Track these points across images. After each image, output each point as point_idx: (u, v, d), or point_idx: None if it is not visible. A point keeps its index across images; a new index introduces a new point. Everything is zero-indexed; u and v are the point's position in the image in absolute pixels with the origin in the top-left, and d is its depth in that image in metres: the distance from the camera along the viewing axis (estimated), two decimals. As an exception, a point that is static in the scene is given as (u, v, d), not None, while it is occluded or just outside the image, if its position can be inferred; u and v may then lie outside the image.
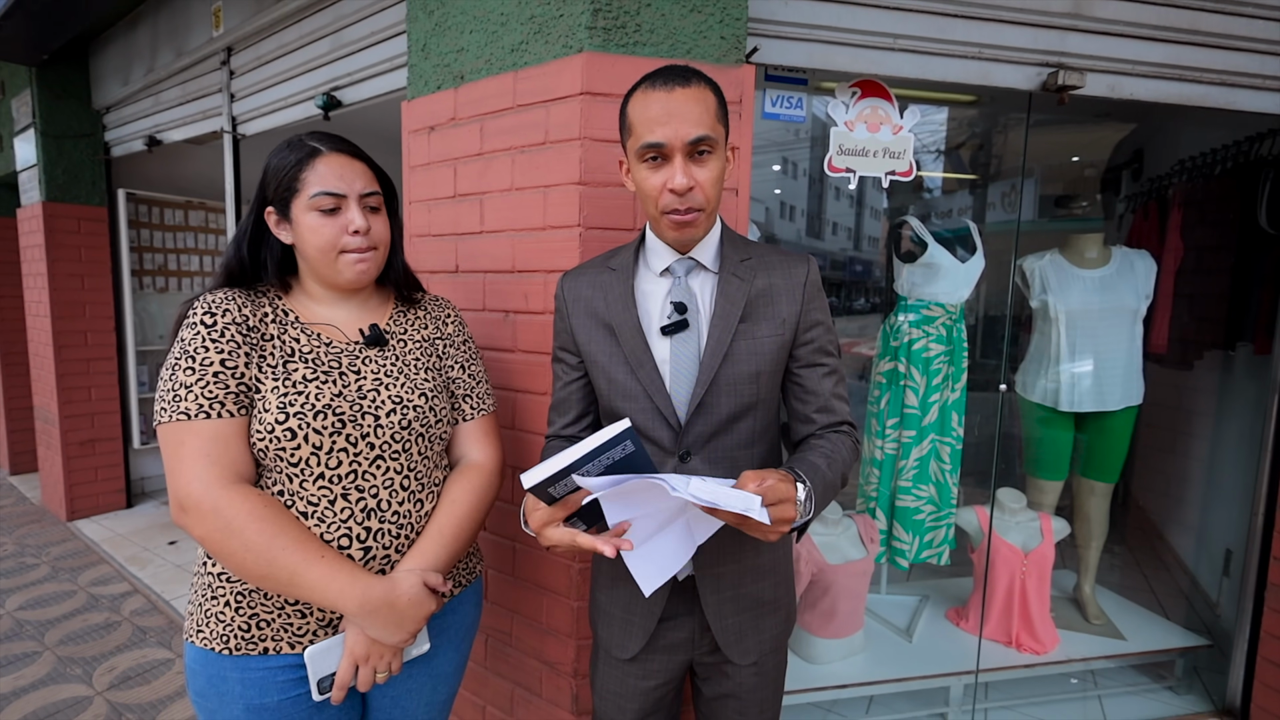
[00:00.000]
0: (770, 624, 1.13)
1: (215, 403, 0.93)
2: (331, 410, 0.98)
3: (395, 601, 0.97)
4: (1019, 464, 2.58)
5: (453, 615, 1.16)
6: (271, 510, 0.93)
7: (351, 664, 0.99)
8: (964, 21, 1.66)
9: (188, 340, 0.95)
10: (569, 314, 1.12)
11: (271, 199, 1.03)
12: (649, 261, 1.09)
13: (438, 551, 1.05)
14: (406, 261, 1.18)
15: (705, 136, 0.95)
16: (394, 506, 1.04)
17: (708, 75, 0.99)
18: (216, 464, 0.92)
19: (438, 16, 1.62)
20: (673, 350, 1.03)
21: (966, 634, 2.34)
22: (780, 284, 1.05)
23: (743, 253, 1.07)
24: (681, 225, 0.99)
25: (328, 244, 1.01)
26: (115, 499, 4.01)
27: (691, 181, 0.95)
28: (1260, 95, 1.87)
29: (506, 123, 1.50)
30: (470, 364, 1.20)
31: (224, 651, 0.98)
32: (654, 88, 0.95)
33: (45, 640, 2.59)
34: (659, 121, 0.94)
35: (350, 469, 1.00)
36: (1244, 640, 2.09)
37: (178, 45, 2.92)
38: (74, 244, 3.70)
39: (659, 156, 0.96)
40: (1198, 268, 2.48)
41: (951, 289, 2.22)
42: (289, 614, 0.99)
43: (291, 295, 1.08)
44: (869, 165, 1.74)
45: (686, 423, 1.02)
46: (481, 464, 1.16)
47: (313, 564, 0.93)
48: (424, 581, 1.01)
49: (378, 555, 1.02)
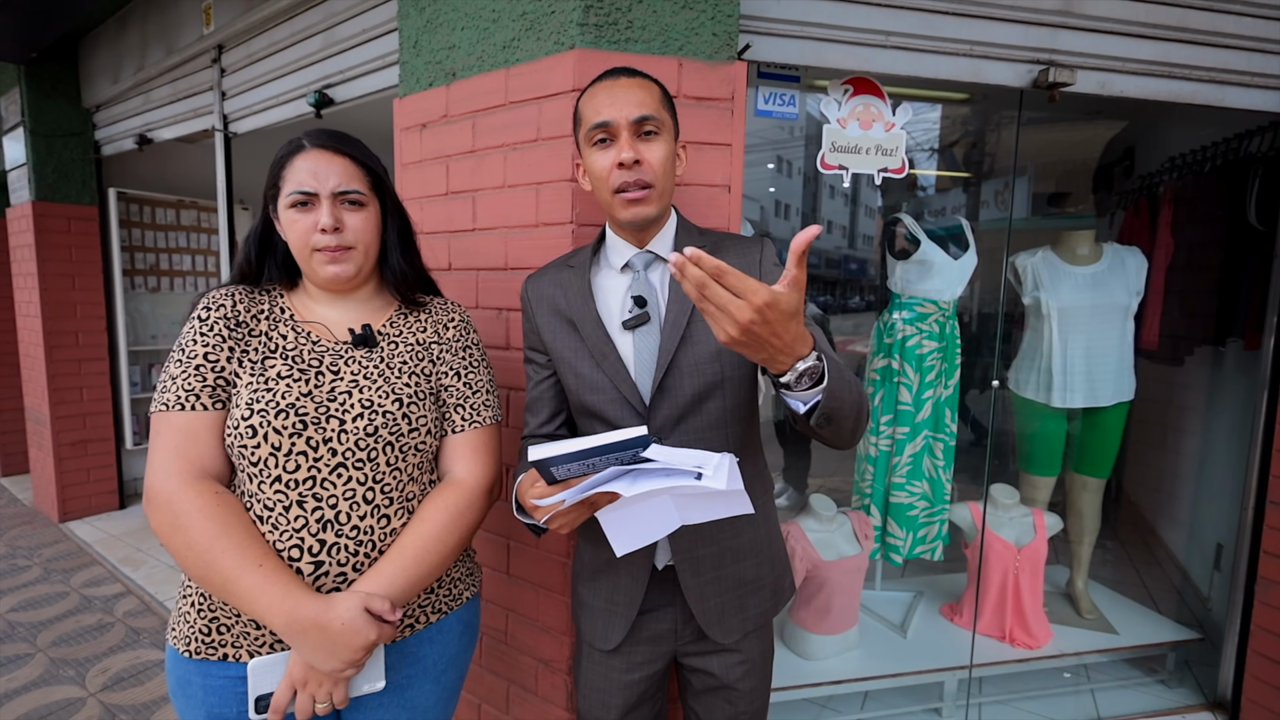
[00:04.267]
0: (754, 602, 1.13)
1: (190, 395, 0.92)
2: (294, 410, 0.94)
3: (327, 625, 0.87)
4: (1012, 460, 2.59)
5: (428, 645, 1.06)
6: (223, 510, 0.89)
7: (289, 686, 0.91)
8: (955, 19, 1.67)
9: (184, 333, 0.96)
10: (534, 313, 1.14)
11: (266, 197, 1.03)
12: (609, 259, 1.11)
13: (394, 575, 0.95)
14: (415, 263, 1.12)
15: (650, 116, 0.99)
16: (353, 520, 0.96)
17: (652, 77, 1.06)
18: (181, 457, 0.90)
19: (429, 13, 1.62)
20: (635, 343, 1.05)
21: (960, 629, 2.35)
22: (735, 263, 1.04)
23: (698, 240, 1.10)
24: (633, 203, 1.01)
25: (300, 241, 1.00)
26: (108, 500, 3.99)
27: (638, 155, 0.99)
28: (1249, 92, 1.88)
29: (499, 120, 1.49)
30: (469, 372, 1.12)
31: (186, 654, 0.95)
32: (600, 81, 1.03)
33: (38, 642, 2.58)
34: (604, 104, 1.00)
35: (309, 474, 0.94)
36: (1234, 634, 2.11)
37: (168, 43, 2.90)
38: (64, 244, 3.67)
39: (607, 138, 1.00)
40: (1188, 264, 2.49)
41: (944, 286, 2.23)
42: (245, 621, 0.94)
43: (294, 293, 1.07)
44: (862, 162, 1.74)
45: (651, 406, 1.03)
46: (463, 481, 1.06)
47: (248, 572, 0.87)
48: (366, 606, 0.89)
49: (331, 571, 0.94)
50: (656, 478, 0.80)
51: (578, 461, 0.81)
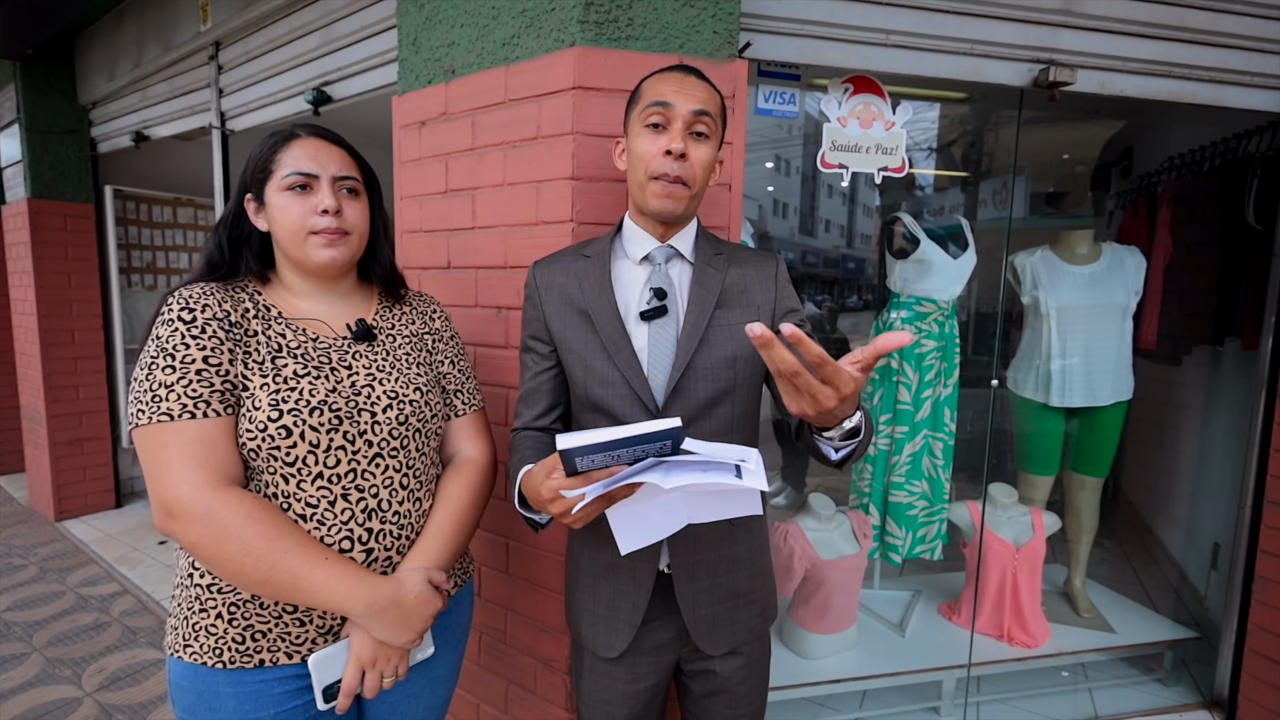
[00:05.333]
0: (745, 616, 1.13)
1: (200, 401, 0.88)
2: (327, 406, 0.94)
3: (403, 601, 0.95)
4: (1010, 459, 2.60)
5: (450, 616, 1.15)
6: (268, 513, 0.90)
7: (358, 669, 0.96)
8: (956, 17, 1.67)
9: (165, 337, 0.89)
10: (541, 301, 1.11)
11: (250, 184, 1.00)
12: (627, 250, 1.11)
13: (439, 549, 1.03)
14: (393, 258, 1.14)
15: (708, 112, 1.01)
16: (394, 506, 1.01)
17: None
18: (205, 466, 0.87)
19: (428, 10, 1.61)
20: (650, 336, 1.04)
21: (959, 628, 2.35)
22: (752, 275, 1.10)
23: (715, 248, 1.12)
24: (667, 194, 1.01)
25: (296, 224, 0.98)
26: (104, 499, 3.98)
27: (686, 150, 1.00)
28: (1249, 92, 1.88)
29: (498, 117, 1.49)
30: (459, 359, 1.18)
31: (216, 665, 0.94)
32: (668, 71, 1.05)
33: (34, 641, 2.57)
34: (670, 89, 1.01)
35: (349, 468, 0.97)
36: (1231, 633, 2.11)
37: (165, 40, 2.89)
38: (60, 241, 3.65)
39: (662, 122, 1.01)
40: (1187, 264, 2.50)
41: (943, 285, 2.23)
42: (287, 622, 0.96)
43: (270, 288, 1.04)
44: (862, 161, 1.74)
45: (663, 407, 1.03)
46: (476, 459, 1.15)
47: (316, 566, 0.90)
48: (429, 579, 0.99)
49: (380, 557, 0.99)
50: (693, 471, 0.76)
51: (605, 453, 0.77)
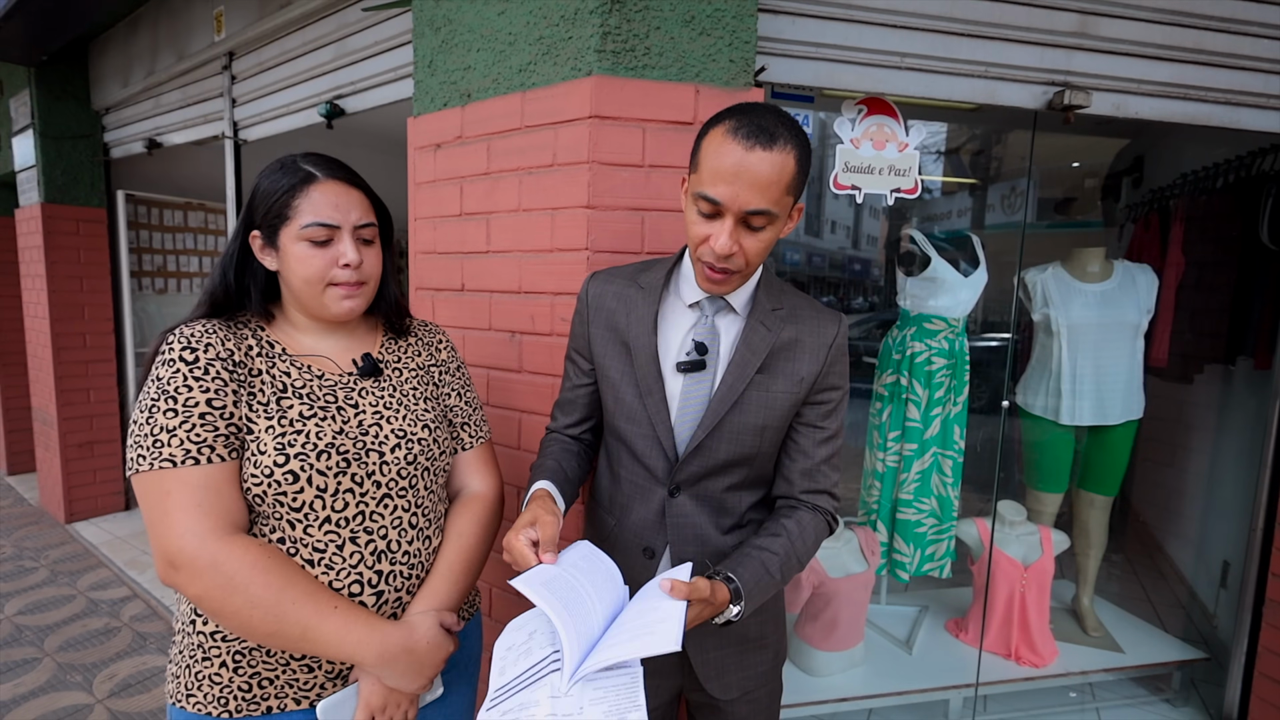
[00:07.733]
0: (755, 660, 1.12)
1: (204, 446, 0.85)
2: (335, 449, 0.92)
3: (414, 647, 0.93)
4: (1018, 475, 2.59)
5: (460, 652, 1.12)
6: (275, 561, 0.87)
7: (368, 716, 0.95)
8: (970, 40, 1.66)
9: (166, 379, 0.86)
10: (589, 319, 1.10)
11: (260, 224, 0.96)
12: (680, 289, 1.06)
13: (449, 590, 1.01)
14: (397, 291, 1.11)
15: (765, 211, 0.88)
16: (404, 546, 0.99)
17: (798, 134, 0.89)
18: (210, 514, 0.84)
19: (444, 34, 1.62)
20: (684, 387, 1.02)
21: (966, 646, 2.35)
22: (807, 340, 1.03)
23: (776, 301, 1.04)
24: (713, 282, 0.97)
25: (316, 276, 0.95)
26: (114, 501, 4.00)
27: (735, 248, 0.91)
28: (1265, 114, 1.87)
29: (514, 143, 1.49)
30: (466, 390, 1.16)
31: (222, 715, 0.93)
32: (735, 137, 0.87)
33: (45, 646, 2.59)
34: (724, 178, 0.87)
35: (358, 510, 0.95)
36: (1241, 654, 2.11)
37: (179, 48, 2.90)
38: (73, 245, 3.68)
39: (713, 214, 0.91)
40: (1199, 282, 2.49)
41: (954, 303, 2.22)
42: (294, 669, 0.94)
43: (275, 325, 1.01)
44: (874, 183, 1.73)
45: (683, 460, 1.02)
46: (484, 494, 1.13)
47: (326, 616, 0.87)
48: (440, 623, 0.98)
49: (390, 599, 0.97)
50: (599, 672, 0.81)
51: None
